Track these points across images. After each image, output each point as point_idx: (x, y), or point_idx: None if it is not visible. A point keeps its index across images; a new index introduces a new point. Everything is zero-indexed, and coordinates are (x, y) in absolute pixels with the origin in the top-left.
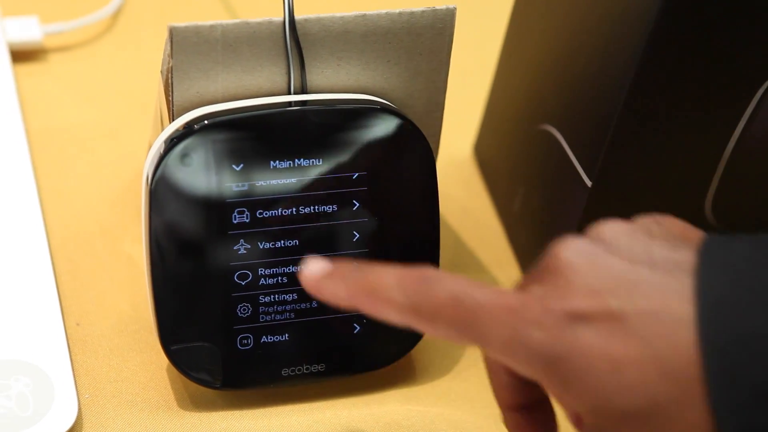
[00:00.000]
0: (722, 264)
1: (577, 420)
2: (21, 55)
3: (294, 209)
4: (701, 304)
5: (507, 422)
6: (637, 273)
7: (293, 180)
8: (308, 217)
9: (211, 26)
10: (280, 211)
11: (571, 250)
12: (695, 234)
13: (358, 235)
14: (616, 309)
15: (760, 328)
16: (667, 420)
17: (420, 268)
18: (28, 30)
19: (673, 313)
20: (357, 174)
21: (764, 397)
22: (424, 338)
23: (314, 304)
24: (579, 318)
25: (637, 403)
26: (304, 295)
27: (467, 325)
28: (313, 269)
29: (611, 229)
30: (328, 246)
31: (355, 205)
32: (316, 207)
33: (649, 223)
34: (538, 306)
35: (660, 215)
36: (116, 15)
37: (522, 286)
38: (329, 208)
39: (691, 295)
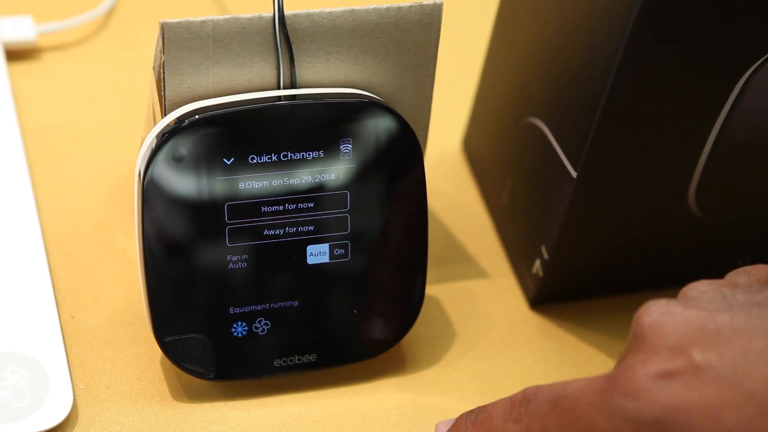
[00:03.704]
0: None
1: None
2: (15, 55)
3: (284, 202)
4: None
5: None
6: (717, 320)
7: (283, 173)
8: (298, 210)
9: (202, 22)
10: (270, 204)
11: (650, 312)
12: None
13: (346, 228)
14: (700, 360)
15: None
16: None
17: (523, 391)
18: (22, 29)
19: (758, 349)
20: (345, 167)
21: None
22: (414, 328)
23: (305, 296)
24: (667, 377)
25: None
26: (294, 287)
27: (573, 422)
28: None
29: (696, 288)
30: (317, 239)
31: (344, 198)
32: (306, 200)
33: (738, 274)
34: (625, 377)
35: (752, 266)
36: (109, 14)
37: (616, 364)
38: (318, 201)
39: None
